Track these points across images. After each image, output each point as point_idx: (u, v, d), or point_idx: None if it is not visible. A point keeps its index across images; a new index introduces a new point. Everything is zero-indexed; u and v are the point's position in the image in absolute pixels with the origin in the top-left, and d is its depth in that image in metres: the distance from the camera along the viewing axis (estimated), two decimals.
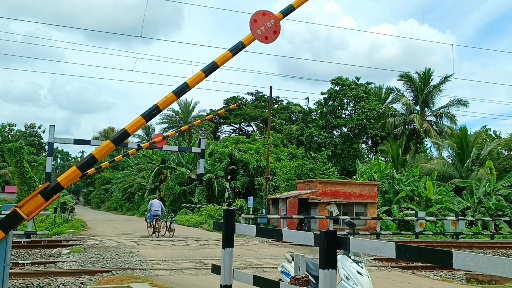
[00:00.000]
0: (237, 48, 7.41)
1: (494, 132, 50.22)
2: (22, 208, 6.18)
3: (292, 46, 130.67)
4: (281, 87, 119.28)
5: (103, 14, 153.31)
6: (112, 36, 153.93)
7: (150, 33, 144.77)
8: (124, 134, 6.61)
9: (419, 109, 46.49)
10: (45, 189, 6.35)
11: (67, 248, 14.27)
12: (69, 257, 12.68)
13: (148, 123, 78.95)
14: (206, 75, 6.88)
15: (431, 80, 45.85)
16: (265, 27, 6.90)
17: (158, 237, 19.71)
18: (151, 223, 20.75)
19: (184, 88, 6.99)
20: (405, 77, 46.54)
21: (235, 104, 28.40)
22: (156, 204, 21.59)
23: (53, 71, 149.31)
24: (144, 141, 72.64)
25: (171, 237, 19.62)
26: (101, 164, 13.68)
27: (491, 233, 24.92)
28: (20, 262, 11.40)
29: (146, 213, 23.58)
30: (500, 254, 17.61)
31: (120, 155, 23.64)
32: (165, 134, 22.29)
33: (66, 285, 8.74)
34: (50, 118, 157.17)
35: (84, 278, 9.45)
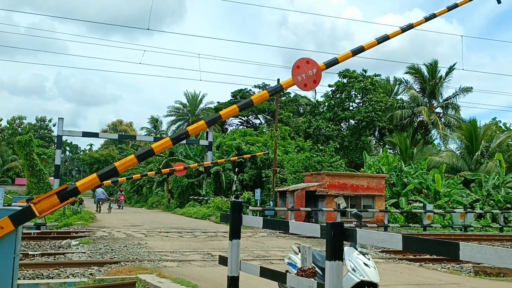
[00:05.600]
0: (275, 90, 7.70)
1: (504, 124, 49.74)
2: (37, 205, 6.27)
3: (296, 37, 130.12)
4: (286, 78, 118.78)
5: (105, 5, 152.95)
6: (115, 28, 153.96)
7: (153, 24, 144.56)
8: (150, 152, 6.86)
9: (427, 101, 46.18)
10: (62, 190, 6.44)
11: (76, 240, 14.40)
12: (78, 248, 12.80)
13: (156, 116, 77.68)
14: (240, 110, 7.15)
15: (439, 72, 45.51)
16: (306, 74, 6.99)
17: (100, 212, 29.48)
18: (97, 204, 30.82)
19: (216, 119, 7.25)
20: (413, 69, 46.20)
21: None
22: (99, 191, 30.88)
23: (57, 63, 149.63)
24: (151, 134, 72.90)
25: (109, 213, 29.71)
26: (118, 179, 13.85)
27: (500, 226, 24.78)
28: (30, 253, 11.53)
29: (92, 197, 33.69)
30: (509, 247, 17.50)
31: (139, 175, 24.60)
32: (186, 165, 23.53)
33: (75, 276, 8.83)
34: (57, 110, 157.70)
35: (93, 269, 9.54)
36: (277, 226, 6.70)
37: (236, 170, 33.62)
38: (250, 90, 66.21)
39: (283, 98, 60.97)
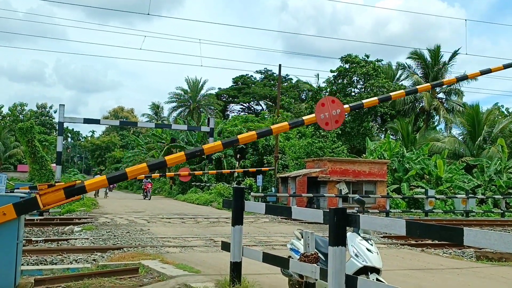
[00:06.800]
0: (296, 124, 7.98)
1: (507, 109, 49.71)
2: (42, 197, 6.29)
3: (297, 22, 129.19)
4: (286, 64, 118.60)
5: None
6: (114, 13, 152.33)
7: (152, 9, 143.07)
8: (162, 163, 7.17)
9: None
10: (70, 186, 6.47)
11: (79, 226, 14.46)
12: (81, 234, 12.86)
13: (157, 102, 77.35)
14: (258, 137, 7.39)
15: (441, 57, 45.18)
16: (330, 113, 7.06)
17: (96, 198, 30.92)
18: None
19: (233, 141, 7.52)
20: (415, 55, 45.87)
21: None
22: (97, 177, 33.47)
23: (57, 49, 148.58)
24: (153, 120, 72.81)
25: (105, 198, 32.41)
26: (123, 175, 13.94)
27: (502, 211, 24.81)
28: (33, 239, 11.58)
29: None
30: (511, 232, 17.54)
31: (143, 175, 24.56)
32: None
33: (78, 262, 8.88)
34: (57, 97, 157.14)
35: (96, 255, 9.58)
36: (280, 212, 6.70)
37: (238, 157, 33.63)
38: (252, 76, 65.91)
39: (285, 84, 60.72)
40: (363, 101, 7.79)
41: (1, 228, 5.92)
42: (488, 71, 8.36)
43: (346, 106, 7.32)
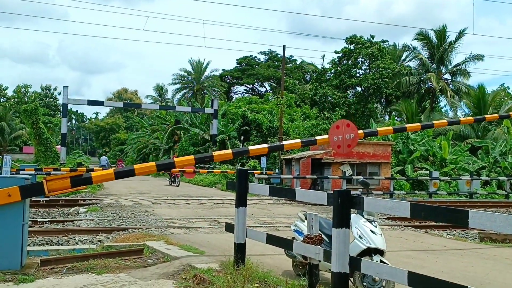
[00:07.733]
0: (309, 143, 8.08)
1: None
2: (48, 183, 6.33)
3: (302, 2, 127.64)
4: (290, 45, 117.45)
5: None
6: None
7: None
8: (170, 164, 7.37)
9: (435, 67, 45.45)
10: (77, 176, 6.50)
11: (84, 207, 14.56)
12: (86, 215, 12.95)
13: (161, 83, 77.34)
14: (269, 151, 7.76)
15: (447, 37, 44.59)
16: (343, 137, 7.13)
17: None
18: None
19: (243, 152, 7.88)
20: (421, 35, 45.28)
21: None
22: (103, 159, 32.31)
23: (58, 30, 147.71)
24: (157, 102, 72.66)
25: None
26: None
27: (506, 193, 24.77)
28: (39, 220, 11.68)
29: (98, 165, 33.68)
30: None
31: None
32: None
33: (84, 243, 8.96)
34: (61, 78, 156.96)
35: (101, 236, 9.66)
36: (284, 194, 6.70)
37: (242, 138, 33.62)
38: (256, 57, 65.45)
39: (289, 65, 60.29)
40: (378, 128, 8.06)
41: (7, 209, 5.96)
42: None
43: (360, 131, 7.47)
